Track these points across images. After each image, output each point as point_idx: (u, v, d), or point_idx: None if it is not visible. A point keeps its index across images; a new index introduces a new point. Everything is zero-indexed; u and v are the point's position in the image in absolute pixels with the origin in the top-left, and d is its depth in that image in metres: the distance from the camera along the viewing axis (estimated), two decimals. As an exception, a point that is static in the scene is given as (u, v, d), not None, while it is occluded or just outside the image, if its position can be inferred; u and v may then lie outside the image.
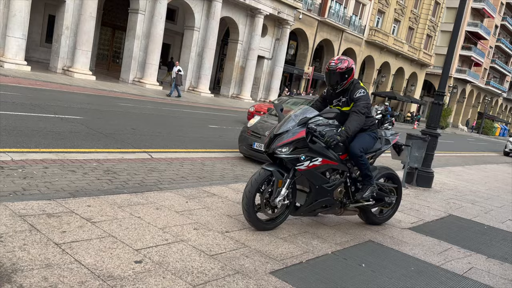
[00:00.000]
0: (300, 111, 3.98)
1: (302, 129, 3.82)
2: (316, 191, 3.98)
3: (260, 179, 3.77)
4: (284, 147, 3.76)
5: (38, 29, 22.92)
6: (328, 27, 33.00)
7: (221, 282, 2.81)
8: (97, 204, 3.88)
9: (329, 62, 4.27)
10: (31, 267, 2.55)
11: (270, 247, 3.59)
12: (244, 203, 3.74)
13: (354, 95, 4.18)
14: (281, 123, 3.92)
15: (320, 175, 3.97)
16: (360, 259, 3.70)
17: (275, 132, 3.86)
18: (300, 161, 3.80)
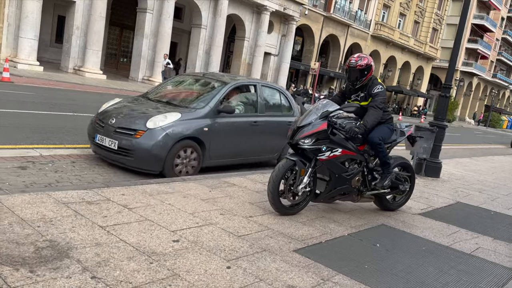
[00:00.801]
0: (321, 105, 4.26)
1: (323, 122, 4.10)
2: (336, 179, 4.28)
3: (285, 167, 4.07)
4: (306, 139, 4.06)
5: (48, 29, 23.29)
6: (333, 22, 33.13)
7: (251, 258, 3.11)
8: (130, 192, 4.19)
9: (349, 59, 4.54)
10: (83, 245, 2.86)
11: (291, 230, 3.89)
12: (270, 186, 4.05)
13: (372, 91, 4.44)
14: (304, 116, 4.21)
15: (339, 165, 4.26)
16: (374, 240, 3.99)
17: (298, 125, 4.15)
18: (322, 151, 4.09)
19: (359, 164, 4.51)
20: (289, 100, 6.97)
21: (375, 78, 4.55)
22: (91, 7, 19.30)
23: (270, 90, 6.89)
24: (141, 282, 2.50)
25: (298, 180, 4.10)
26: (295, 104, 6.89)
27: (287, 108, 6.95)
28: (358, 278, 3.07)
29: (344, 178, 4.32)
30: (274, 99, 6.89)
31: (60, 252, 2.72)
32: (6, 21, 17.43)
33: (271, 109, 6.68)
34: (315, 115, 4.15)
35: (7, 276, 2.33)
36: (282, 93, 7.01)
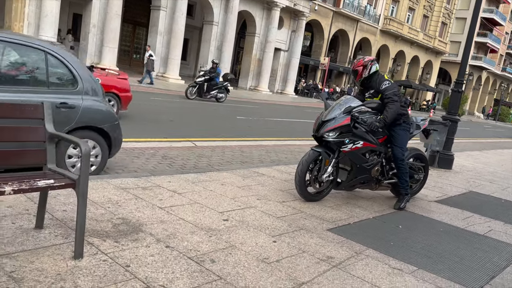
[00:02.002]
0: (344, 101, 4.65)
1: (347, 117, 4.46)
2: (357, 169, 4.67)
3: (310, 159, 4.46)
4: (331, 132, 4.44)
5: (64, 27, 23.84)
6: (343, 18, 33.37)
7: (291, 235, 3.57)
8: (175, 180, 4.66)
9: (354, 61, 5.03)
10: (151, 222, 3.33)
11: (322, 213, 4.34)
12: (297, 180, 4.47)
13: (380, 87, 4.76)
14: (328, 111, 4.59)
15: (361, 156, 4.63)
16: (396, 222, 4.43)
17: (323, 119, 4.53)
18: (345, 144, 4.47)
19: (379, 155, 4.87)
20: (69, 67, 4.23)
21: (381, 76, 4.84)
22: (107, 5, 19.78)
23: (21, 49, 3.92)
24: (207, 251, 2.97)
25: (323, 170, 4.52)
26: (85, 74, 4.39)
27: (65, 80, 4.28)
28: (386, 252, 3.51)
29: (364, 168, 4.69)
30: (31, 65, 4.06)
31: (133, 227, 3.19)
32: (26, 20, 17.96)
33: (21, 81, 4.00)
34: (338, 110, 4.51)
35: (99, 245, 2.81)
36: (54, 55, 4.11)
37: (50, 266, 2.45)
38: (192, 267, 2.71)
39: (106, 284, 2.36)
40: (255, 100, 22.28)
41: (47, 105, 2.80)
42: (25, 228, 2.90)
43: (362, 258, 3.31)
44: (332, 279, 2.88)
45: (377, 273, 3.08)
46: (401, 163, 4.84)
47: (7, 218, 3.01)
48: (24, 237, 2.76)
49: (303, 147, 9.17)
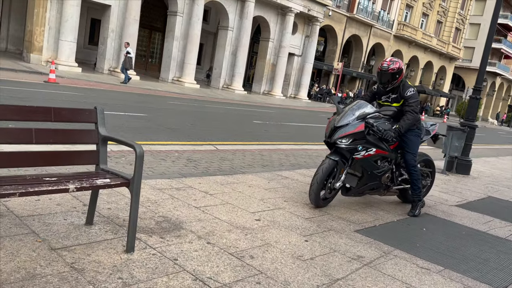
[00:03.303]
0: (357, 106, 4.54)
1: (361, 123, 4.36)
2: (368, 176, 4.55)
3: (329, 168, 4.37)
4: (344, 138, 4.33)
5: (82, 31, 24.32)
6: (356, 23, 33.48)
7: (321, 235, 3.73)
8: (205, 182, 4.86)
9: (381, 63, 4.73)
10: (190, 220, 3.53)
11: (347, 215, 4.50)
12: (314, 188, 4.38)
13: (405, 94, 4.65)
14: (341, 116, 4.44)
15: (372, 163, 4.52)
16: (420, 225, 4.56)
17: (336, 125, 4.39)
18: (357, 150, 4.36)
19: (390, 162, 4.76)
20: None
21: (405, 81, 4.75)
22: (125, 10, 20.19)
23: None
24: (245, 247, 3.15)
25: (337, 178, 4.49)
26: None
27: None
28: (413, 253, 3.66)
29: (375, 175, 4.59)
30: None
31: (175, 224, 3.39)
32: (47, 24, 18.44)
33: None
34: (352, 115, 4.40)
35: (146, 240, 3.00)
36: None
37: (106, 259, 2.66)
38: (234, 262, 2.89)
39: (159, 275, 2.55)
40: (269, 105, 22.48)
41: (100, 109, 3.01)
42: (77, 224, 3.12)
43: (391, 258, 3.46)
44: (365, 276, 3.03)
45: (406, 272, 3.23)
46: (413, 169, 4.76)
47: (58, 215, 3.23)
48: (77, 232, 2.97)
49: (320, 152, 9.32)
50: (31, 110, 2.72)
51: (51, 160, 2.82)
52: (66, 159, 2.88)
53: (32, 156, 2.71)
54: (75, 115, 2.95)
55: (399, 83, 4.70)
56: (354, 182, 4.57)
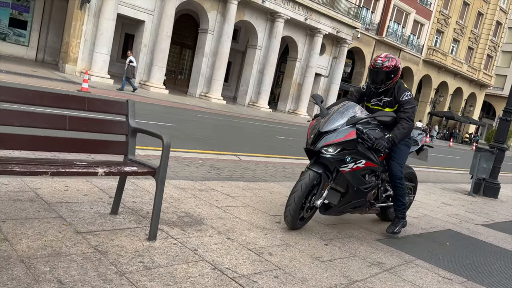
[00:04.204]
0: (345, 107, 3.76)
1: (351, 130, 3.58)
2: (353, 192, 3.75)
3: (311, 182, 3.56)
4: (331, 147, 3.55)
5: (116, 45, 25.14)
6: (385, 46, 33.43)
7: (342, 240, 3.71)
8: (227, 186, 4.91)
9: (375, 59, 3.98)
10: (210, 218, 3.58)
11: (369, 225, 4.45)
12: (291, 208, 3.52)
13: (400, 97, 3.96)
14: (327, 120, 3.65)
15: (360, 177, 3.74)
16: (443, 240, 4.46)
17: (321, 129, 3.59)
18: (345, 162, 3.58)
19: (377, 177, 4.03)
20: None
21: (401, 83, 4.05)
22: (158, 26, 20.82)
23: None
24: (264, 245, 3.17)
25: (319, 194, 3.67)
26: None
27: None
28: (435, 263, 3.58)
29: (361, 192, 3.81)
30: None
31: (196, 220, 3.44)
32: (83, 37, 19.18)
33: None
34: (340, 119, 3.62)
35: (168, 231, 3.06)
36: None
37: (128, 244, 2.72)
38: (253, 256, 2.91)
39: (179, 262, 2.59)
40: (294, 123, 22.54)
41: (131, 102, 3.13)
42: (102, 213, 3.21)
43: (412, 266, 3.40)
44: (384, 280, 2.99)
45: (427, 280, 3.16)
46: (399, 183, 4.04)
47: (85, 204, 3.33)
48: (102, 220, 3.06)
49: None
50: (66, 98, 2.86)
51: (82, 147, 2.94)
52: (96, 147, 2.99)
53: (65, 142, 2.83)
54: (107, 106, 3.07)
55: (393, 85, 4.01)
56: (336, 199, 3.79)
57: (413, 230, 4.64)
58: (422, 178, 9.49)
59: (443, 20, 38.43)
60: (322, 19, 26.86)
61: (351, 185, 3.70)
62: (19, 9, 21.85)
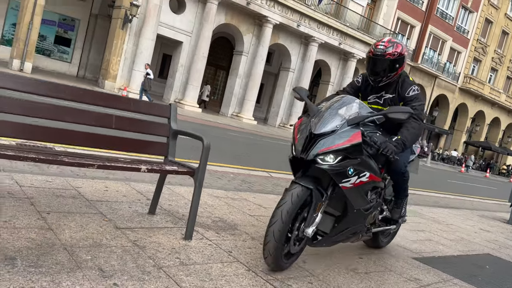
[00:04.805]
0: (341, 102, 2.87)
1: (356, 130, 2.72)
2: (353, 215, 2.90)
3: (299, 203, 2.59)
4: (329, 155, 2.62)
5: (153, 65, 25.96)
6: (420, 72, 33.05)
7: (376, 256, 3.63)
8: (259, 197, 4.93)
9: (375, 44, 3.22)
10: (244, 224, 3.59)
11: (404, 243, 4.34)
12: (271, 247, 2.53)
13: (406, 93, 3.21)
14: (321, 118, 2.74)
15: (363, 195, 2.93)
16: (482, 263, 4.29)
17: (314, 131, 2.67)
18: (347, 176, 2.68)
19: (379, 195, 3.26)
20: None
21: (406, 75, 3.32)
22: (195, 47, 21.42)
23: None
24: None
25: (310, 219, 2.69)
26: None
27: None
28: (474, 284, 3.44)
29: (362, 214, 2.97)
30: None
31: (230, 225, 3.46)
32: (124, 55, 19.94)
33: None
34: (338, 118, 2.74)
35: (203, 233, 3.10)
36: None
37: (166, 242, 2.77)
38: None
39: (214, 261, 2.61)
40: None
41: (174, 106, 3.23)
42: (140, 212, 3.28)
43: (450, 285, 3.28)
44: (422, 295, 2.90)
45: (467, 299, 3.04)
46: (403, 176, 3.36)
47: (124, 203, 3.42)
48: (140, 218, 3.13)
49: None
50: (114, 98, 2.99)
51: (126, 146, 3.04)
52: (139, 147, 3.09)
53: (111, 140, 2.94)
54: (151, 109, 3.18)
55: (397, 77, 3.26)
56: (328, 225, 2.91)
57: (450, 251, 4.49)
58: (457, 204, 9.20)
59: (480, 49, 37.75)
60: (356, 43, 26.93)
61: (350, 206, 2.82)
62: (65, 28, 23.02)
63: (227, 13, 22.09)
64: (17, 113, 2.52)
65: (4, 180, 3.34)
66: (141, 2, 19.11)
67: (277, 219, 2.54)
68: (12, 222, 2.55)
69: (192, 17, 21.26)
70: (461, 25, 35.52)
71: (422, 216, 6.29)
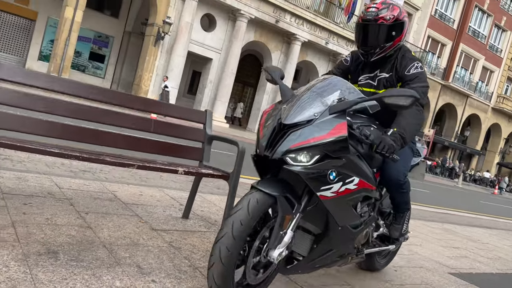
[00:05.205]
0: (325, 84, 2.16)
1: (341, 120, 2.02)
2: (338, 234, 2.22)
3: (255, 216, 1.92)
4: (304, 152, 1.96)
5: (183, 81, 26.48)
6: (451, 91, 32.45)
7: (412, 269, 3.53)
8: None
9: (367, 6, 2.55)
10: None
11: (439, 259, 4.20)
12: (216, 273, 1.88)
13: (406, 70, 2.51)
14: (294, 104, 2.06)
15: (350, 209, 2.25)
16: (524, 283, 4.11)
17: (284, 120, 2.01)
18: (328, 181, 2.01)
19: (372, 207, 2.57)
20: None
21: (407, 50, 2.64)
22: (224, 64, 21.78)
23: None
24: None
25: (276, 237, 2.02)
26: None
27: None
28: (516, 303, 3.30)
29: (349, 233, 2.31)
30: None
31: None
32: (155, 71, 20.46)
33: None
34: (319, 104, 2.05)
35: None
36: None
37: (200, 244, 2.79)
38: (320, 271, 2.85)
39: (249, 265, 2.60)
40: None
41: (209, 112, 3.29)
42: (174, 216, 3.32)
43: (490, 302, 3.16)
44: (461, 309, 2.80)
45: (509, 316, 2.91)
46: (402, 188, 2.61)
47: (158, 207, 3.47)
48: (174, 222, 3.17)
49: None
50: (153, 103, 3.07)
51: (163, 150, 3.10)
52: (175, 151, 3.15)
53: (150, 143, 3.01)
54: (188, 114, 3.25)
55: (394, 50, 2.57)
56: (305, 246, 2.24)
57: (488, 269, 4.32)
58: (491, 225, 8.88)
59: (515, 68, 36.81)
60: (385, 62, 26.76)
61: (333, 222, 2.16)
62: (99, 44, 23.86)
63: (256, 31, 22.43)
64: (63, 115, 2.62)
65: (45, 182, 3.45)
66: (174, 20, 19.66)
67: (225, 233, 1.86)
68: (54, 219, 2.62)
69: (222, 35, 21.68)
70: (494, 44, 34.81)
71: (455, 234, 6.10)
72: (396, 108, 2.06)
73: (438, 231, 5.86)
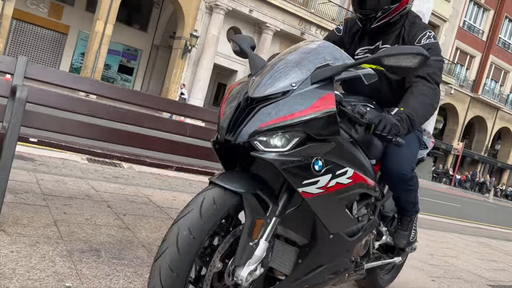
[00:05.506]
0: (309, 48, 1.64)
1: (328, 91, 1.51)
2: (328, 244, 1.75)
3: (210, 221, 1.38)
4: (278, 134, 1.46)
5: (209, 93, 26.85)
6: (481, 104, 31.72)
7: (449, 280, 3.43)
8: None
9: None
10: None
11: (477, 271, 4.07)
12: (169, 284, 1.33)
13: (416, 40, 2.05)
14: (267, 72, 1.56)
15: (343, 209, 1.77)
16: None
17: (252, 94, 1.50)
18: (312, 174, 1.51)
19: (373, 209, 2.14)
20: None
21: (416, 15, 2.18)
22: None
23: None
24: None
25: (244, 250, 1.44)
26: None
27: None
28: None
29: (344, 242, 1.85)
30: None
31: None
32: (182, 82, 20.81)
33: None
34: (297, 70, 1.54)
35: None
36: None
37: (235, 248, 2.78)
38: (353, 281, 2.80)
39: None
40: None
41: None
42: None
43: (535, 315, 3.02)
44: (506, 321, 2.69)
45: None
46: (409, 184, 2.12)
47: (191, 212, 3.49)
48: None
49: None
50: (187, 107, 3.12)
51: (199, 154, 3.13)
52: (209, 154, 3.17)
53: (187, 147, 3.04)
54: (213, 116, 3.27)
55: (400, 14, 2.10)
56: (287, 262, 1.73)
57: (530, 283, 4.15)
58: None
59: (548, 80, 35.71)
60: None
61: (322, 229, 1.68)
62: (128, 57, 24.49)
63: (282, 43, 22.56)
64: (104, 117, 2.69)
65: (82, 185, 3.54)
66: (200, 33, 20.01)
67: (167, 246, 1.34)
68: (93, 220, 2.67)
69: (248, 47, 21.91)
70: (525, 55, 33.94)
71: (491, 247, 5.89)
72: (398, 71, 1.55)
73: (474, 244, 5.68)
